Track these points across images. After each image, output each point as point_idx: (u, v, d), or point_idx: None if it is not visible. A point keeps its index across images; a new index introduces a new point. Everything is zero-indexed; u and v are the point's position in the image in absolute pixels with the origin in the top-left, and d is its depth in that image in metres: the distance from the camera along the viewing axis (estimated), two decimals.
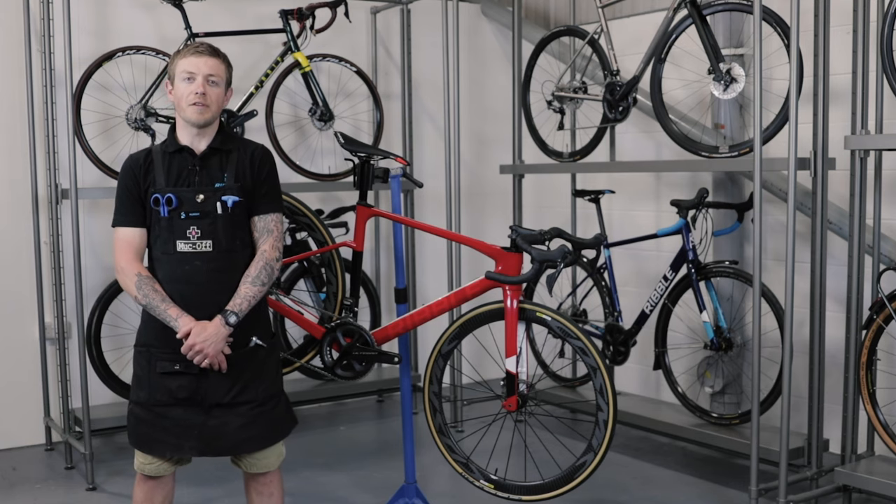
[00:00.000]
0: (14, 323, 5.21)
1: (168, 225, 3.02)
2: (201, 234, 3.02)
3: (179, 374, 3.04)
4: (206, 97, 3.01)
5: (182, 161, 3.07)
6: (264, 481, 3.26)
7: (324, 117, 5.31)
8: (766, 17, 4.03)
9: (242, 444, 3.13)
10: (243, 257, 3.11)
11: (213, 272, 3.03)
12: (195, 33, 5.01)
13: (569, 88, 5.22)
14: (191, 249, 3.02)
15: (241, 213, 3.08)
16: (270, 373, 3.18)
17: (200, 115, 3.03)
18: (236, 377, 3.07)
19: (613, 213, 5.80)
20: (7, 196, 5.19)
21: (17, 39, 5.04)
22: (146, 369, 3.09)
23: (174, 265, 3.03)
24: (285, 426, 3.24)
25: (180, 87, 3.04)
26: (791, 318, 3.90)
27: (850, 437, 4.14)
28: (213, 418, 3.07)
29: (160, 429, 3.08)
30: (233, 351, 3.05)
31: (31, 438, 5.28)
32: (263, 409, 3.13)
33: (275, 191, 3.18)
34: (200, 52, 3.05)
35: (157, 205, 3.02)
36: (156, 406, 3.08)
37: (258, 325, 3.15)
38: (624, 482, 4.62)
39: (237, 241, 3.08)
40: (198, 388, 3.05)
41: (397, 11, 6.04)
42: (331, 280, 4.76)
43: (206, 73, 3.03)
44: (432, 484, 4.57)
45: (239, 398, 3.07)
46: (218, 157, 3.10)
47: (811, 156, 4.06)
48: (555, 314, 3.55)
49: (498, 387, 3.66)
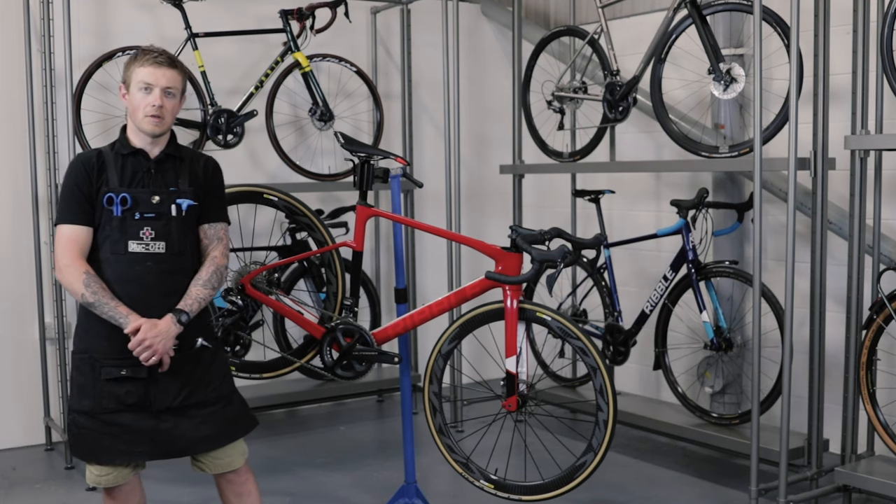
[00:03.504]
0: (14, 323, 5.21)
1: (120, 225, 3.01)
2: (155, 235, 3.03)
3: (126, 379, 3.00)
4: (162, 109, 3.02)
5: (136, 163, 3.08)
6: (236, 481, 3.26)
7: (324, 117, 5.31)
8: (766, 17, 4.03)
9: (196, 444, 3.12)
10: (192, 262, 3.13)
11: (163, 274, 3.03)
12: (195, 33, 5.02)
13: (569, 88, 5.22)
14: (143, 250, 3.02)
15: (193, 217, 3.11)
16: (218, 373, 3.17)
17: (156, 127, 3.04)
18: (185, 380, 3.06)
19: (613, 213, 5.80)
20: (7, 196, 5.19)
21: (17, 39, 5.04)
22: (90, 376, 3.03)
23: (125, 266, 3.00)
24: (241, 425, 3.23)
25: (136, 96, 3.03)
26: (791, 318, 3.90)
27: (850, 437, 4.14)
28: (164, 422, 3.05)
29: (108, 436, 3.03)
30: (179, 353, 3.04)
31: (31, 438, 5.28)
32: (214, 409, 3.12)
33: (223, 202, 3.24)
34: (160, 62, 3.03)
35: (110, 204, 3.01)
36: (102, 413, 3.02)
37: (202, 328, 3.16)
38: (624, 482, 4.62)
39: (188, 244, 3.10)
40: (146, 394, 3.02)
41: (397, 11, 6.04)
42: (331, 280, 4.75)
43: (164, 85, 3.02)
44: (432, 484, 4.56)
45: (188, 401, 3.06)
46: (172, 162, 3.12)
47: (811, 156, 4.06)
48: (555, 314, 3.55)
49: (498, 387, 3.66)
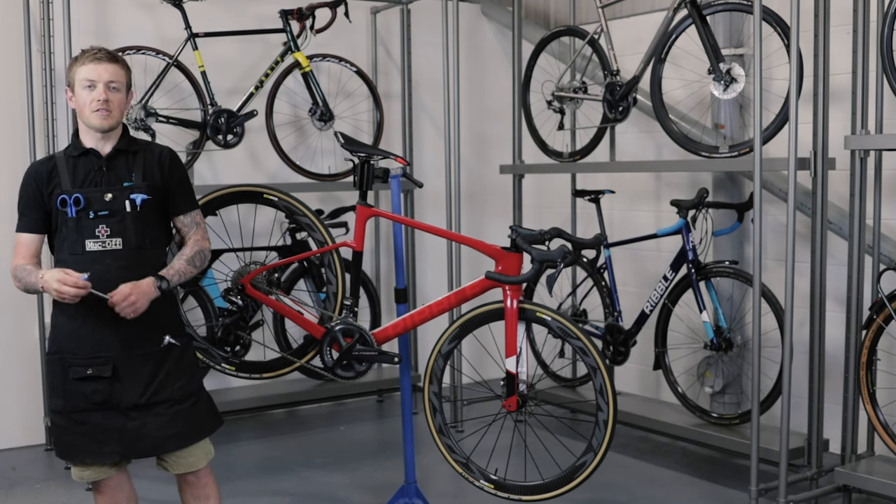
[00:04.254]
0: (14, 323, 5.20)
1: (76, 225, 3.03)
2: (111, 232, 3.04)
3: (93, 378, 3.03)
4: (108, 103, 3.04)
5: (88, 163, 3.10)
6: (197, 483, 3.25)
7: (324, 117, 5.31)
8: (766, 17, 4.03)
9: (163, 442, 3.12)
10: (155, 256, 3.14)
11: (123, 270, 3.04)
12: (195, 33, 5.02)
13: (569, 88, 5.22)
14: (100, 248, 3.04)
15: (150, 211, 3.11)
16: (186, 371, 3.18)
17: (105, 121, 3.05)
18: (151, 377, 3.07)
19: (613, 213, 5.80)
20: (7, 196, 5.17)
21: (17, 39, 5.04)
22: (60, 377, 3.07)
23: (84, 265, 3.01)
24: (207, 424, 3.23)
25: (81, 94, 3.05)
26: (791, 318, 3.90)
27: (850, 437, 4.14)
28: (132, 420, 3.06)
29: (79, 435, 3.07)
30: (146, 350, 3.06)
31: (31, 438, 5.28)
32: (181, 408, 3.12)
33: (190, 189, 3.25)
34: (99, 58, 3.05)
35: (63, 206, 3.04)
36: (73, 413, 3.06)
37: (171, 324, 3.16)
38: (624, 482, 4.62)
39: (147, 239, 3.10)
40: (112, 392, 3.04)
41: (397, 11, 6.04)
42: (331, 280, 4.74)
43: (107, 79, 3.04)
44: (432, 484, 4.56)
45: (155, 398, 3.07)
46: (124, 157, 3.13)
47: (811, 156, 4.06)
48: (555, 314, 3.55)
49: (498, 387, 3.66)
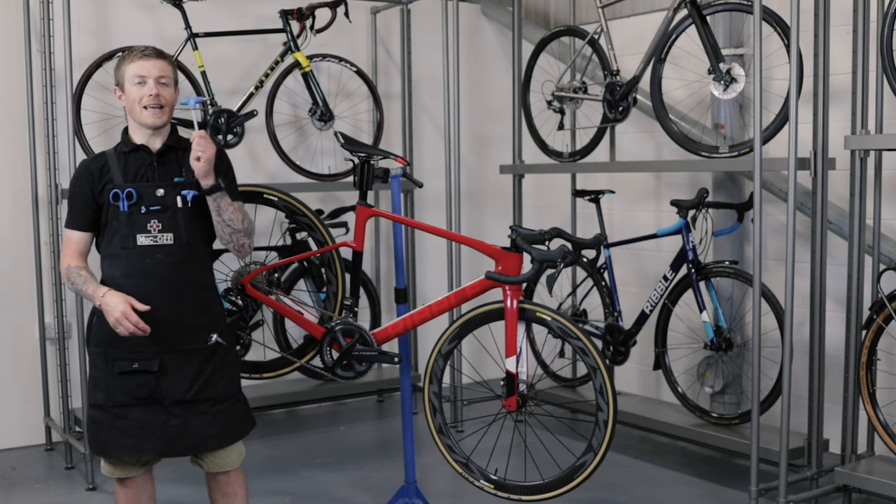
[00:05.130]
0: (14, 323, 5.21)
1: (128, 219, 3.06)
2: (162, 227, 3.06)
3: (138, 372, 3.05)
4: (160, 98, 3.07)
5: (139, 159, 3.12)
6: (227, 481, 3.27)
7: (324, 117, 5.31)
8: (766, 17, 4.03)
9: (205, 441, 3.14)
10: (204, 253, 3.17)
11: (174, 265, 3.07)
12: (195, 33, 5.01)
13: (569, 88, 5.21)
14: (152, 243, 3.06)
15: (200, 207, 3.13)
16: (229, 371, 3.21)
17: (157, 118, 3.08)
18: (196, 374, 3.09)
19: (613, 213, 5.80)
20: (7, 196, 5.18)
21: (17, 39, 5.04)
22: (104, 370, 3.09)
23: (135, 259, 3.05)
24: (245, 425, 3.26)
25: (132, 91, 3.07)
26: (791, 318, 3.90)
27: (850, 437, 4.14)
28: (175, 417, 3.08)
29: (118, 430, 3.08)
30: (193, 346, 3.09)
31: (31, 438, 5.28)
32: (223, 407, 3.15)
33: (234, 183, 3.25)
34: (148, 55, 3.09)
35: (116, 200, 3.06)
36: (115, 407, 3.08)
37: (218, 323, 3.18)
38: (624, 482, 4.62)
39: (197, 234, 3.13)
40: (158, 386, 3.06)
41: (397, 11, 6.04)
42: (331, 280, 4.75)
43: (157, 75, 3.07)
44: (432, 484, 4.56)
45: (199, 395, 3.09)
46: (174, 153, 3.15)
47: (811, 156, 4.06)
48: (555, 314, 3.55)
49: (498, 387, 3.66)
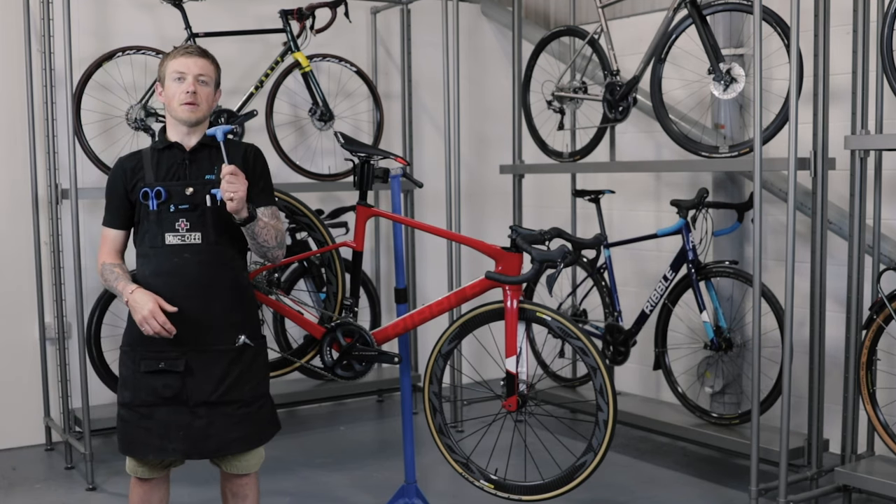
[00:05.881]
0: (14, 323, 5.20)
1: (157, 218, 3.06)
2: (190, 226, 3.06)
3: (164, 372, 3.05)
4: (196, 96, 3.08)
5: (172, 156, 3.13)
6: (241, 483, 3.26)
7: (324, 117, 5.31)
8: (766, 17, 4.03)
9: (229, 444, 3.13)
10: (232, 252, 3.15)
11: (202, 265, 3.07)
12: (195, 33, 5.01)
13: (569, 88, 5.22)
14: (180, 242, 3.06)
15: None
16: (257, 374, 3.18)
17: (192, 114, 3.08)
18: (223, 375, 3.08)
19: (613, 213, 5.80)
20: (7, 196, 5.18)
21: (17, 39, 5.04)
22: (131, 369, 3.12)
23: (163, 258, 3.06)
24: (269, 430, 3.25)
25: (171, 87, 3.10)
26: (791, 318, 3.90)
27: (850, 437, 4.14)
28: (199, 418, 3.07)
29: (143, 430, 3.09)
30: (220, 347, 3.07)
31: (31, 438, 5.28)
32: (249, 410, 3.13)
33: (269, 187, 3.24)
34: (190, 52, 3.12)
35: (146, 199, 3.07)
36: (140, 406, 3.09)
37: (247, 325, 3.16)
38: (624, 482, 4.62)
39: (226, 234, 3.11)
40: (183, 387, 3.06)
41: (397, 11, 6.04)
42: (331, 280, 4.75)
43: (196, 72, 3.08)
44: (432, 484, 4.57)
45: (225, 397, 3.08)
46: (207, 151, 3.14)
47: (811, 156, 4.06)
48: (555, 314, 3.55)
49: (498, 387, 3.66)
